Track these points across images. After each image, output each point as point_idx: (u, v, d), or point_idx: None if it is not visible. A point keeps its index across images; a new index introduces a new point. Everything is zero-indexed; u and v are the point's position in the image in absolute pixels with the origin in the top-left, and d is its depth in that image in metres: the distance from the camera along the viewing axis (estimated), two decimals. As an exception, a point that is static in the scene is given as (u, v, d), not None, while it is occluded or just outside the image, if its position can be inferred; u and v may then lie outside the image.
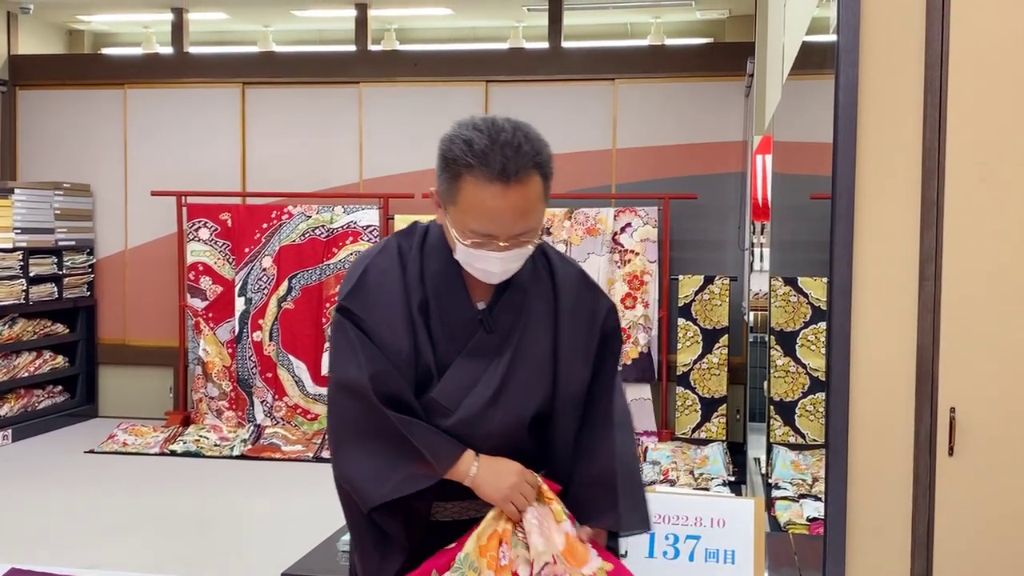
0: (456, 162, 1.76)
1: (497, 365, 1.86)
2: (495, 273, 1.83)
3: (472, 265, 1.84)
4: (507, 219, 1.75)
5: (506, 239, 1.78)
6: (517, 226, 1.77)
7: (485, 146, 1.74)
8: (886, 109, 1.89)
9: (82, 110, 7.81)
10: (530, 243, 1.83)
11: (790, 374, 3.58)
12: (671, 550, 1.99)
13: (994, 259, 1.88)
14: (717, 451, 6.22)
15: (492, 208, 1.74)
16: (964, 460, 1.89)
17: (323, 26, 8.35)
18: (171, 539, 4.94)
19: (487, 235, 1.77)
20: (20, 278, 7.03)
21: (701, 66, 7.08)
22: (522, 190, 1.75)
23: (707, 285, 6.64)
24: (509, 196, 1.74)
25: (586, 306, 1.96)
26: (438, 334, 1.87)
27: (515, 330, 1.89)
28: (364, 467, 1.83)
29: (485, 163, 1.73)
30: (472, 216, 1.77)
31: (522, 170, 1.74)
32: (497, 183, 1.73)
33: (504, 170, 1.72)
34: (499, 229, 1.76)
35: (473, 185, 1.74)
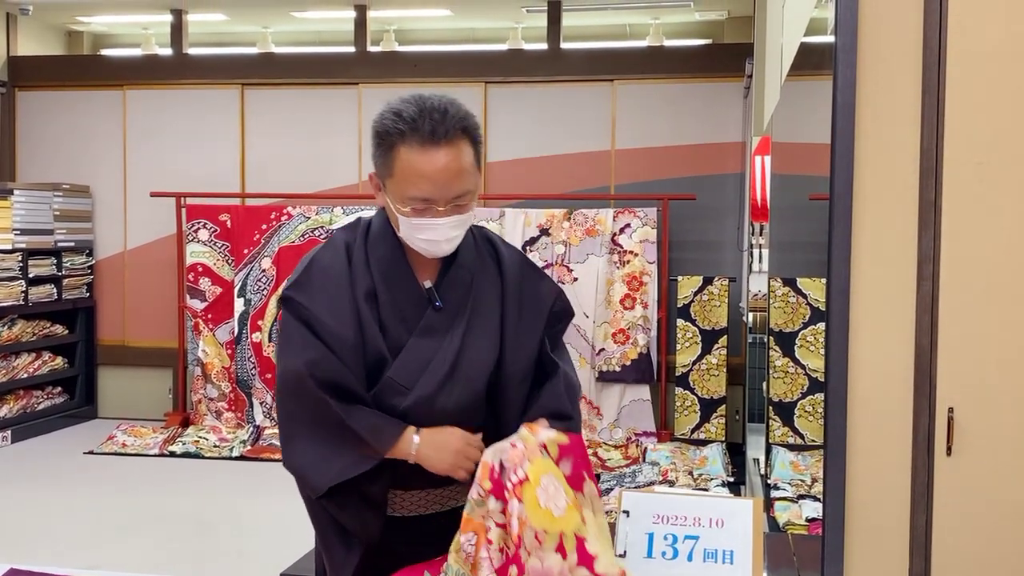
0: (388, 134, 1.84)
1: (450, 343, 1.92)
2: (439, 241, 1.88)
3: (415, 238, 1.89)
4: (442, 180, 1.82)
5: (444, 203, 1.84)
6: (453, 187, 1.84)
7: (414, 113, 1.82)
8: (884, 110, 1.89)
9: (81, 111, 7.81)
10: (469, 209, 1.89)
11: (789, 375, 3.58)
12: (670, 550, 1.99)
13: (992, 259, 1.88)
14: (716, 452, 6.22)
15: (427, 171, 1.82)
16: (962, 460, 1.90)
17: (322, 27, 8.35)
18: (170, 540, 4.94)
19: (425, 200, 1.84)
20: (19, 279, 7.03)
21: (700, 67, 7.09)
22: (453, 151, 1.82)
23: (706, 286, 6.65)
24: (441, 157, 1.81)
25: (532, 287, 2.04)
26: (389, 317, 1.92)
27: (463, 308, 1.95)
28: (309, 455, 1.86)
29: (415, 129, 1.81)
30: (409, 183, 1.83)
31: (451, 132, 1.82)
32: (429, 146, 1.81)
33: (434, 132, 1.80)
34: (436, 191, 1.83)
35: (406, 152, 1.82)
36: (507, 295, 1.99)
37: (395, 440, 1.86)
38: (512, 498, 1.74)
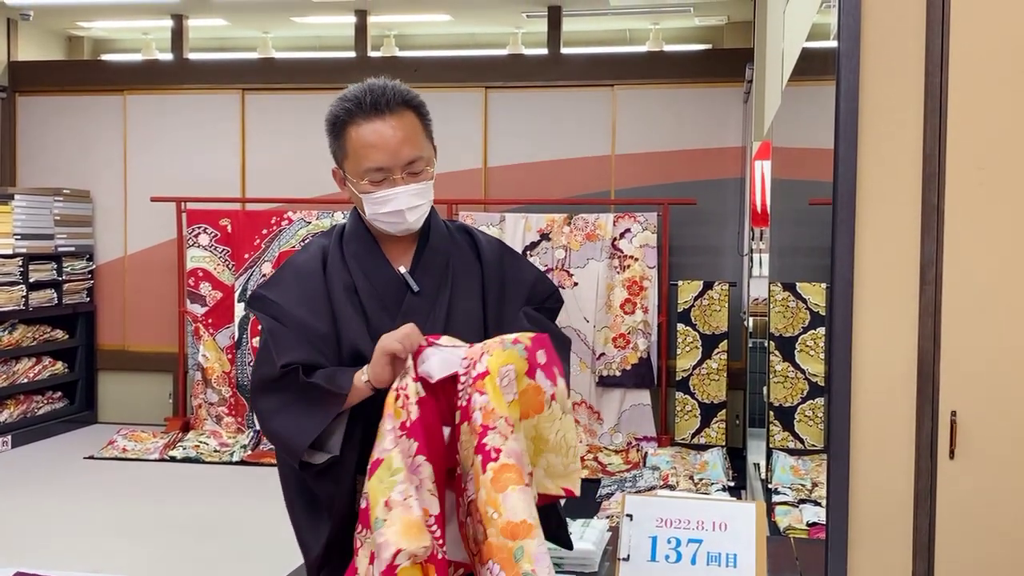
0: (337, 118, 1.96)
1: (432, 326, 1.95)
2: (402, 211, 1.94)
3: (380, 215, 1.96)
4: (392, 146, 1.92)
5: (399, 170, 1.92)
6: (403, 152, 1.92)
7: (357, 91, 1.95)
8: (887, 115, 1.90)
9: (82, 116, 7.82)
10: (426, 177, 1.96)
11: (789, 379, 3.59)
12: (673, 553, 2.00)
13: (995, 263, 1.89)
14: (717, 456, 6.22)
15: (375, 140, 1.92)
16: (965, 463, 1.90)
17: (322, 32, 8.37)
18: (171, 545, 4.94)
19: (380, 169, 1.92)
20: (20, 284, 7.03)
21: (700, 72, 7.10)
22: (398, 119, 1.93)
23: (706, 291, 6.66)
24: (388, 124, 1.92)
25: (513, 270, 2.08)
26: (370, 307, 1.97)
27: (442, 292, 2.00)
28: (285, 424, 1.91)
29: (359, 105, 1.93)
30: (362, 155, 1.93)
31: (393, 102, 1.92)
32: (374, 117, 1.92)
33: (376, 103, 1.92)
34: (388, 158, 1.92)
35: (355, 129, 1.93)
36: (487, 277, 2.04)
37: (351, 376, 1.88)
38: (474, 392, 1.77)
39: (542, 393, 1.81)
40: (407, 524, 1.71)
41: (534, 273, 2.12)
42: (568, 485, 1.87)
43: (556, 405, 1.82)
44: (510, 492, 1.71)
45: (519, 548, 1.70)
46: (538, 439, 1.83)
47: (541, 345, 1.83)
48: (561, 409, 1.83)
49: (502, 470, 1.73)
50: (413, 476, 1.75)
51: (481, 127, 7.29)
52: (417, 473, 1.76)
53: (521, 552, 1.70)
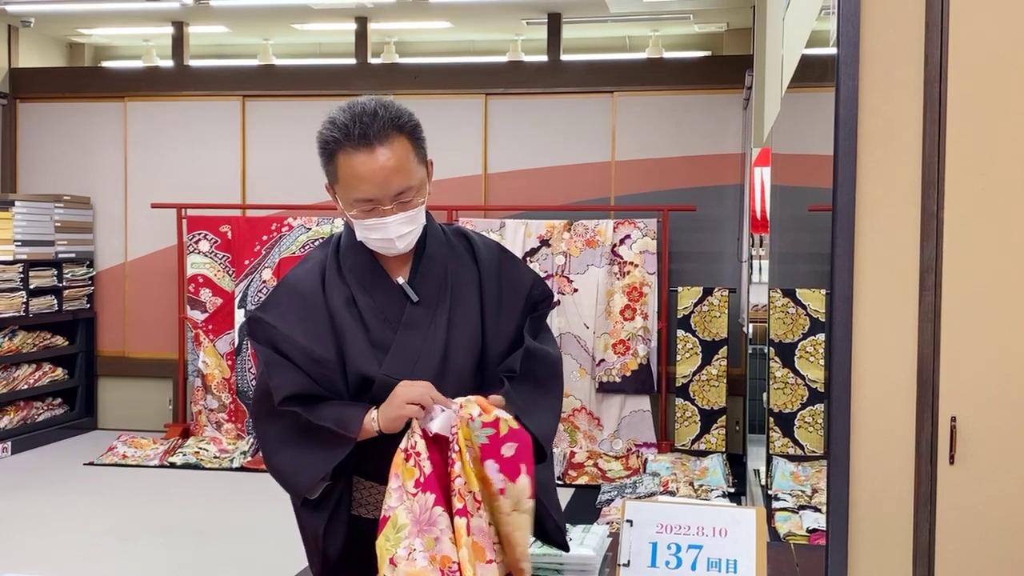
0: (327, 144, 1.95)
1: (435, 335, 1.96)
2: (391, 239, 1.94)
3: (371, 239, 1.96)
4: (379, 179, 1.89)
5: (388, 201, 1.91)
6: (392, 185, 1.90)
7: (346, 119, 1.91)
8: (886, 121, 1.91)
9: (82, 123, 7.83)
10: (415, 205, 1.94)
11: (789, 385, 3.59)
12: (673, 559, 2.00)
13: (994, 269, 1.89)
14: (717, 462, 6.22)
15: (364, 173, 1.89)
16: (965, 469, 1.91)
17: (323, 39, 8.38)
18: (171, 551, 4.93)
19: (369, 200, 1.91)
20: (20, 290, 7.03)
21: (699, 79, 7.11)
22: (388, 151, 1.89)
23: (706, 297, 6.66)
24: (376, 158, 1.88)
25: (510, 274, 2.07)
26: (371, 320, 1.96)
27: (441, 300, 1.99)
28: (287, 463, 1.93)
29: (348, 135, 1.90)
30: (352, 186, 1.92)
31: (382, 132, 1.89)
32: (363, 149, 1.89)
33: (365, 135, 1.88)
34: (377, 191, 1.90)
35: (344, 157, 1.91)
36: (484, 282, 2.03)
37: (360, 419, 1.87)
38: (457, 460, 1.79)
39: (491, 485, 1.80)
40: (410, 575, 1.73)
41: (531, 277, 2.11)
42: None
43: (505, 501, 1.80)
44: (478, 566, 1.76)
45: None
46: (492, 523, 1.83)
47: (515, 440, 1.81)
48: (512, 507, 1.81)
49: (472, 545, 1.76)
50: (430, 529, 1.77)
51: (481, 134, 7.30)
52: (435, 525, 1.77)
53: None
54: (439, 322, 1.98)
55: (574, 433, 6.76)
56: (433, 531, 1.77)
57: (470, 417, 1.79)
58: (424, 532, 1.77)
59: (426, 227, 2.03)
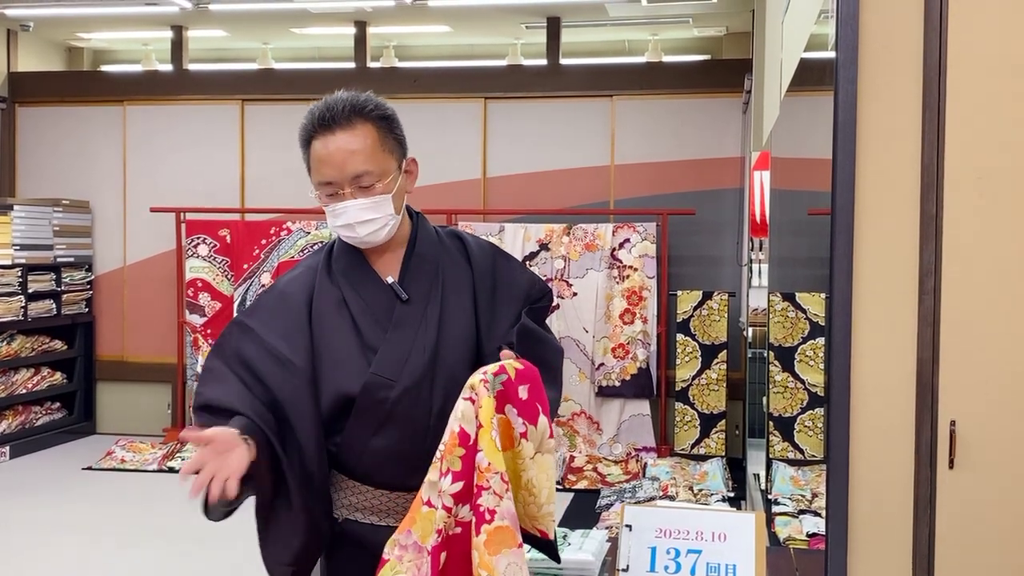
0: (302, 133, 1.98)
1: (425, 333, 1.97)
2: (352, 225, 1.96)
3: (336, 228, 1.99)
4: (336, 161, 1.93)
5: (347, 184, 1.94)
6: (347, 167, 1.93)
7: (316, 106, 1.97)
8: (885, 125, 1.90)
9: (81, 127, 7.83)
10: (377, 192, 1.96)
11: (788, 389, 3.59)
12: (672, 564, 1.99)
13: (994, 273, 1.89)
14: (716, 467, 6.22)
15: (323, 155, 1.94)
16: (965, 473, 1.90)
17: (322, 43, 8.38)
18: (169, 555, 4.93)
19: (328, 183, 1.95)
20: (19, 294, 7.03)
21: (699, 83, 7.12)
22: (347, 134, 1.93)
23: (705, 301, 6.66)
24: (335, 140, 1.93)
25: (505, 273, 2.08)
26: (362, 320, 1.98)
27: (432, 299, 2.00)
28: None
29: (313, 120, 1.95)
30: (315, 170, 1.97)
31: (340, 116, 1.93)
32: (325, 132, 1.94)
33: (323, 118, 1.94)
34: (333, 172, 1.94)
35: (314, 143, 1.96)
36: (478, 281, 2.04)
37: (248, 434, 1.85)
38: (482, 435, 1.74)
39: (512, 429, 1.78)
40: None
41: (527, 276, 2.12)
42: (541, 527, 1.84)
43: (528, 445, 1.78)
44: (503, 556, 1.70)
45: None
46: (511, 475, 1.79)
47: (526, 380, 1.79)
48: (534, 449, 1.79)
49: (496, 532, 1.71)
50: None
51: (480, 137, 7.30)
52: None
53: None
54: (429, 321, 1.98)
55: (573, 437, 6.75)
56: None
57: (483, 380, 1.75)
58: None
59: (416, 227, 2.06)
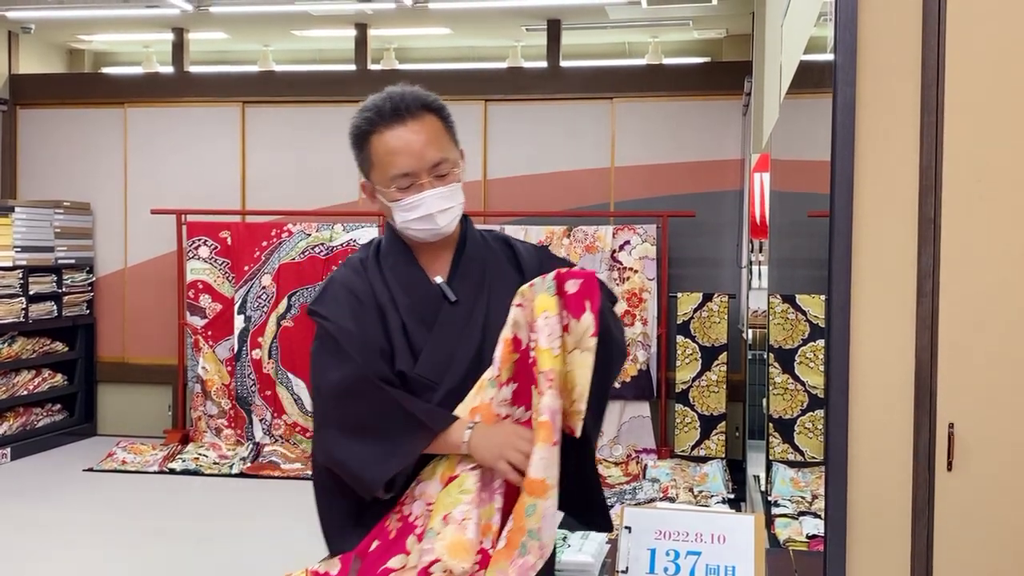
0: (360, 129, 1.97)
1: (471, 335, 1.96)
2: (432, 215, 1.94)
3: (411, 222, 1.96)
4: (415, 149, 1.93)
5: (425, 174, 1.93)
6: (427, 155, 1.93)
7: (376, 99, 1.97)
8: (883, 127, 1.91)
9: (82, 129, 7.83)
10: (453, 179, 1.97)
11: (789, 391, 3.59)
12: (672, 566, 2.00)
13: (992, 275, 1.89)
14: (716, 468, 6.22)
15: (399, 145, 1.93)
16: (963, 475, 1.90)
17: (323, 45, 8.39)
18: (170, 557, 4.93)
19: (406, 174, 1.93)
20: (20, 296, 7.03)
21: (699, 85, 7.12)
22: (419, 124, 1.94)
23: (706, 303, 6.66)
24: (409, 129, 1.93)
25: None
26: (410, 320, 1.96)
27: (479, 299, 1.99)
28: (362, 452, 1.87)
29: (380, 113, 1.94)
30: (388, 163, 1.94)
31: (412, 107, 1.95)
32: (395, 124, 1.94)
33: (396, 109, 1.94)
34: (414, 162, 1.93)
35: (378, 138, 1.95)
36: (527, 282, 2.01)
37: (449, 422, 1.86)
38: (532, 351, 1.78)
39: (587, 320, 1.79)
40: (456, 543, 1.73)
41: None
42: (570, 424, 1.84)
43: (568, 338, 1.79)
44: (537, 448, 1.73)
45: (532, 505, 1.72)
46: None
47: (578, 276, 1.81)
48: (574, 344, 1.79)
49: (538, 426, 1.74)
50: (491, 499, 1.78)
51: (480, 140, 7.30)
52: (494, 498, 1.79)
53: (533, 509, 1.71)
54: (475, 323, 1.97)
55: (574, 439, 6.75)
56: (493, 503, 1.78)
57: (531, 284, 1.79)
58: (483, 503, 1.78)
59: (465, 229, 2.04)
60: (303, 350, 7.00)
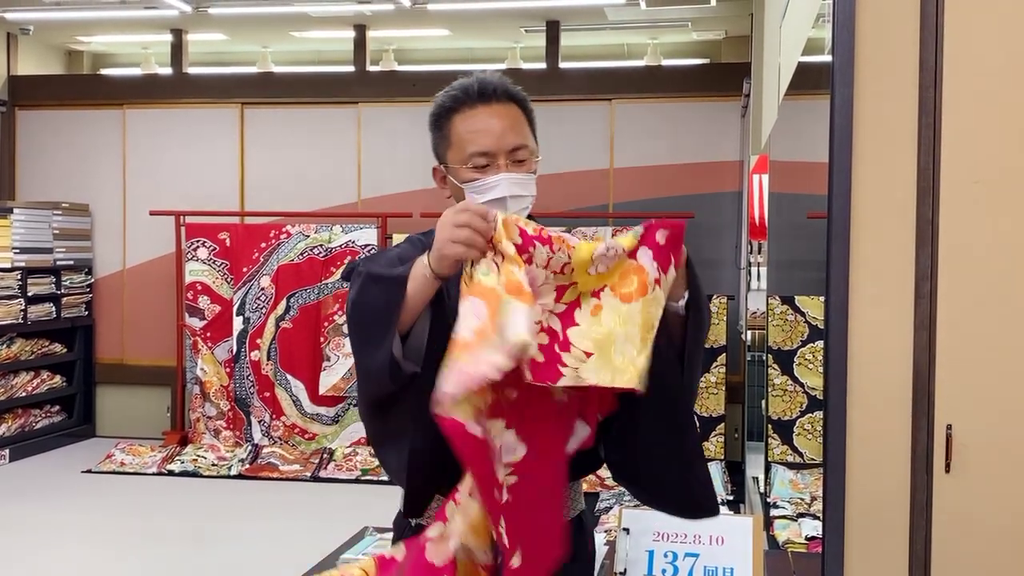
0: (443, 108, 1.93)
1: None
2: (505, 199, 1.87)
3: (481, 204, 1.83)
4: (497, 129, 1.89)
5: (504, 156, 1.88)
6: (508, 137, 1.89)
7: (464, 81, 1.93)
8: (881, 129, 1.91)
9: (81, 130, 7.83)
10: (529, 168, 1.91)
11: (788, 393, 3.59)
12: (670, 568, 2.00)
13: (990, 276, 1.89)
14: (715, 470, 6.22)
15: (481, 125, 1.89)
16: (961, 477, 1.90)
17: (322, 47, 8.39)
18: (169, 558, 4.93)
19: (484, 153, 1.88)
20: (18, 298, 7.03)
21: (698, 86, 7.12)
22: (504, 109, 1.91)
23: (704, 304, 6.65)
24: (494, 111, 1.90)
25: None
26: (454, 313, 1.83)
27: None
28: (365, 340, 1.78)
29: (467, 93, 1.91)
30: (468, 141, 1.89)
31: (499, 92, 1.92)
32: (480, 105, 1.90)
33: (483, 92, 1.91)
34: (493, 141, 1.88)
35: (461, 117, 1.91)
36: None
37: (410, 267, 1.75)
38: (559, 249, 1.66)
39: (645, 274, 1.68)
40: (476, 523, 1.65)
41: None
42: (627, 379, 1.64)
43: (659, 292, 1.69)
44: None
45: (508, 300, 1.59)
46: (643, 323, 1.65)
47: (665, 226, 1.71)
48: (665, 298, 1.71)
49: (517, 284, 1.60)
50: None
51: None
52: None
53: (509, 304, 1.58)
54: None
55: (573, 440, 6.75)
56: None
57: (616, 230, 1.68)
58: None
59: None
60: (302, 351, 7.01)
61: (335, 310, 6.95)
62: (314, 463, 6.72)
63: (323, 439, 6.98)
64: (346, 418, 7.00)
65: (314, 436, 6.99)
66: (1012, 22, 1.88)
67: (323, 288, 7.01)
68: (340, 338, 6.93)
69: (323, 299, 7.00)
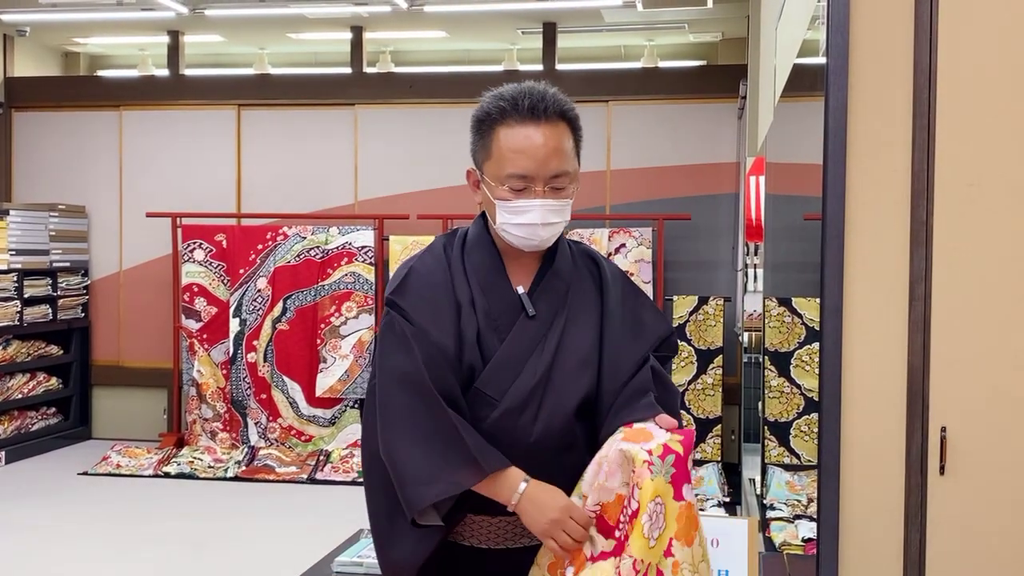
0: (489, 115, 1.86)
1: (541, 354, 1.84)
2: (535, 225, 1.82)
3: (512, 226, 1.84)
4: (540, 155, 1.81)
5: (542, 182, 1.82)
6: (551, 163, 1.82)
7: (514, 91, 1.85)
8: (875, 131, 1.91)
9: (77, 132, 7.82)
10: (567, 195, 1.86)
11: (784, 395, 3.59)
12: (665, 570, 1.99)
13: (984, 278, 1.89)
14: (712, 472, 6.22)
15: (525, 146, 1.81)
16: (955, 479, 1.90)
17: (318, 48, 8.39)
18: (165, 561, 4.92)
19: (523, 177, 1.81)
20: (15, 299, 7.02)
21: (694, 88, 7.12)
22: (552, 130, 1.82)
23: (701, 306, 6.66)
24: (541, 132, 1.81)
25: (637, 311, 1.94)
26: (483, 326, 1.86)
27: (557, 318, 1.87)
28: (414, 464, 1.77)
29: (515, 106, 1.83)
30: (508, 160, 1.82)
31: (551, 111, 1.83)
32: (528, 122, 1.82)
33: (534, 109, 1.82)
34: (534, 166, 1.81)
35: (506, 130, 1.83)
36: (608, 313, 1.90)
37: (502, 468, 1.77)
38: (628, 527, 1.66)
39: (693, 507, 1.69)
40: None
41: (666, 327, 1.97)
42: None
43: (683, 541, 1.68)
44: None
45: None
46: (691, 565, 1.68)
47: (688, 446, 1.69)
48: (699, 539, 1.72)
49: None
50: None
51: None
52: None
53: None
54: (550, 341, 1.85)
55: (569, 442, 6.75)
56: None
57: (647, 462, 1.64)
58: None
59: (557, 240, 1.91)
60: (298, 353, 7.00)
61: (332, 312, 6.95)
62: (311, 465, 6.71)
63: (320, 441, 6.97)
64: (343, 420, 6.99)
65: (311, 438, 6.99)
66: (1006, 25, 1.88)
67: (320, 290, 7.00)
68: (337, 340, 6.92)
69: (320, 301, 6.99)
